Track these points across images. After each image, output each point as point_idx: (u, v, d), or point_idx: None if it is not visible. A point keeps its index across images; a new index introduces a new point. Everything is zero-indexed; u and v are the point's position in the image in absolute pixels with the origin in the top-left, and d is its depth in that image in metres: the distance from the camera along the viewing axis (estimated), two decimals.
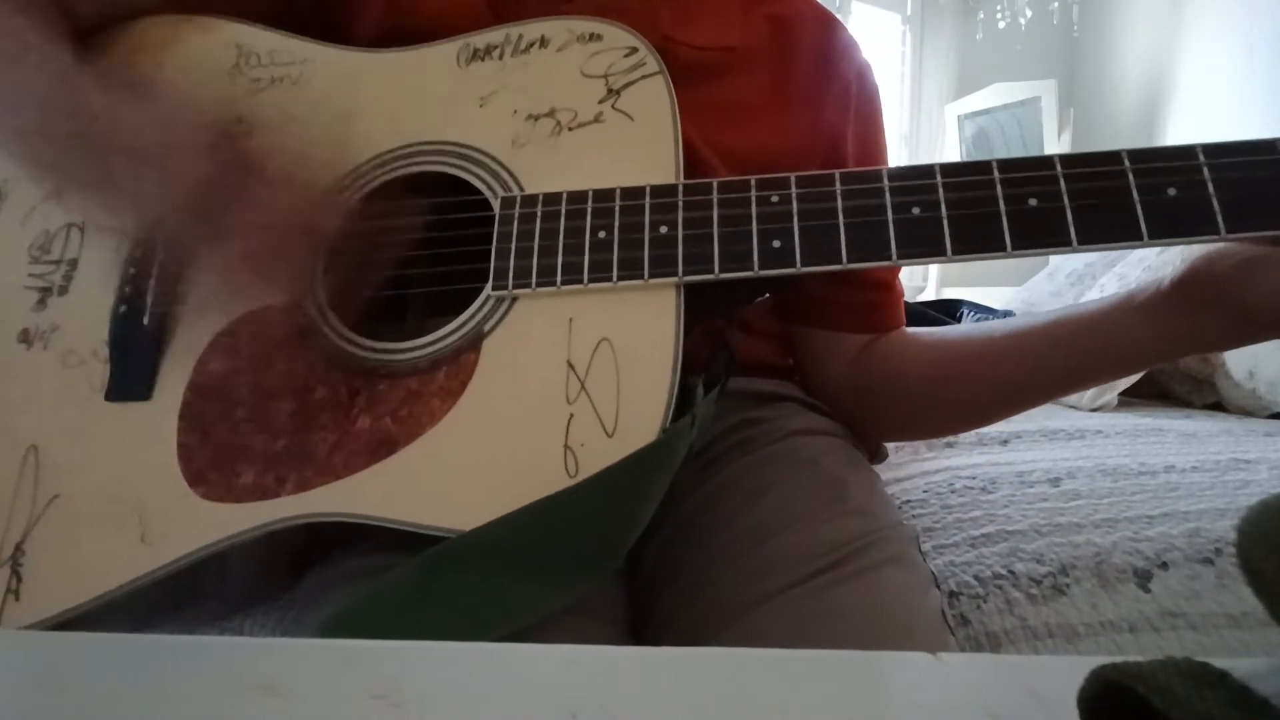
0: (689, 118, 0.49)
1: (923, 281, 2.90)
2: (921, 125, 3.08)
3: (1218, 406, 1.39)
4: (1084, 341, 0.52)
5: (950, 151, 2.95)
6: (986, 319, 1.31)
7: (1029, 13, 2.92)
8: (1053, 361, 0.54)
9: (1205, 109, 2.31)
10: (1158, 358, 0.51)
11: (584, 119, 0.49)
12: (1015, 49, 2.93)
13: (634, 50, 0.50)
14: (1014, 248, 0.41)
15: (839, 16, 0.65)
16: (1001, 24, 2.97)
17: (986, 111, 2.85)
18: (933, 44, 3.07)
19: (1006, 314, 1.48)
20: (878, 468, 0.63)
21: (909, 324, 0.64)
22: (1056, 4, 2.92)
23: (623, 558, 0.41)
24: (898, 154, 3.06)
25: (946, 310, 1.34)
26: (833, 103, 0.61)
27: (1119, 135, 2.67)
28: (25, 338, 0.49)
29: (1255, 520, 0.17)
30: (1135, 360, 0.53)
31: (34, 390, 0.48)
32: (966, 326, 0.61)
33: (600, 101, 0.49)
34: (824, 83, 0.61)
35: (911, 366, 0.60)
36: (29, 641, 0.29)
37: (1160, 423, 1.15)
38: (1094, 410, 1.31)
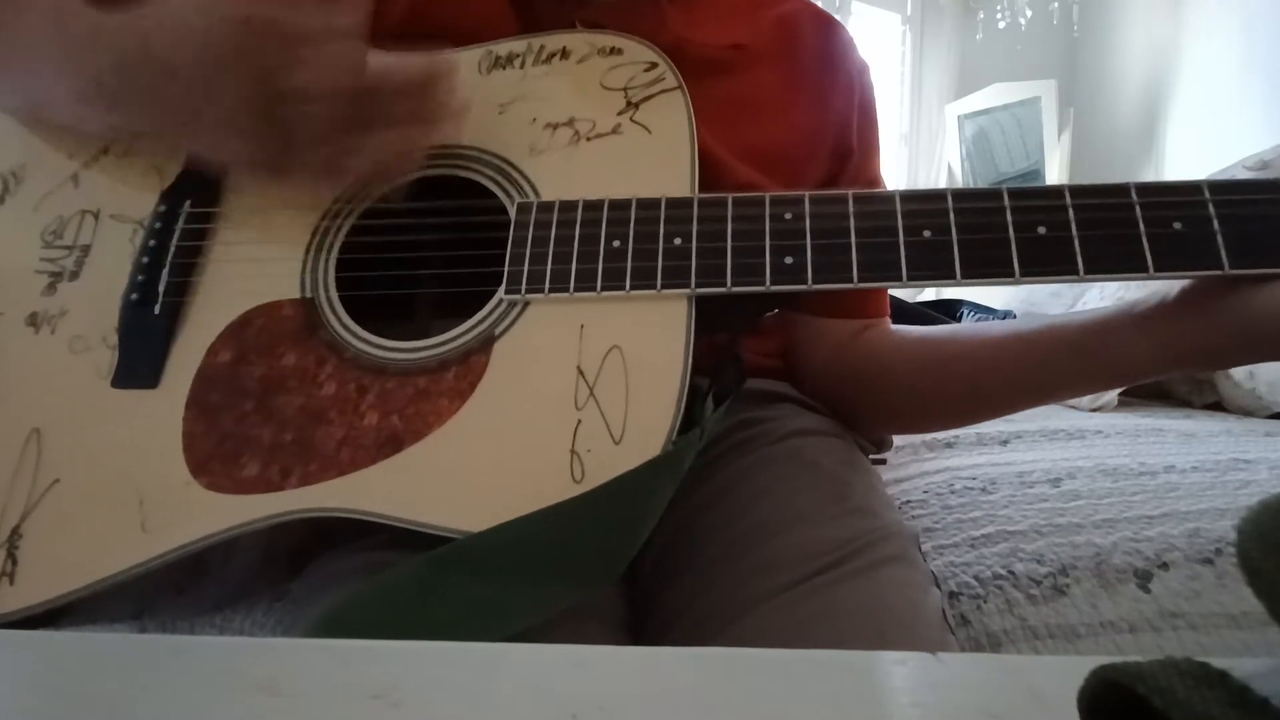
0: (702, 114, 0.49)
1: None
2: (921, 125, 3.07)
3: (1218, 406, 1.39)
4: (1079, 351, 0.50)
5: (950, 151, 2.94)
6: (986, 319, 1.31)
7: (1029, 13, 2.92)
8: (1043, 369, 0.53)
9: (1205, 109, 2.32)
10: (1149, 372, 0.49)
11: (602, 130, 0.50)
12: (1015, 49, 2.93)
13: (654, 65, 0.51)
14: (1022, 274, 0.42)
15: (839, 17, 0.67)
16: (1001, 24, 2.97)
17: (986, 111, 2.85)
18: (933, 44, 3.07)
19: (1006, 314, 1.47)
20: (878, 467, 0.63)
21: (908, 323, 0.64)
22: (1056, 4, 2.92)
23: (625, 566, 0.41)
24: (898, 154, 3.06)
25: (947, 310, 1.34)
26: (839, 93, 0.63)
27: (1119, 135, 2.67)
28: (33, 321, 0.49)
29: (1255, 520, 0.17)
30: (1127, 372, 0.51)
31: (39, 374, 0.48)
32: (958, 326, 0.61)
33: (619, 113, 0.50)
34: (830, 76, 0.63)
35: (899, 362, 0.60)
36: (29, 641, 0.29)
37: (1160, 423, 1.15)
38: (1094, 410, 1.31)
